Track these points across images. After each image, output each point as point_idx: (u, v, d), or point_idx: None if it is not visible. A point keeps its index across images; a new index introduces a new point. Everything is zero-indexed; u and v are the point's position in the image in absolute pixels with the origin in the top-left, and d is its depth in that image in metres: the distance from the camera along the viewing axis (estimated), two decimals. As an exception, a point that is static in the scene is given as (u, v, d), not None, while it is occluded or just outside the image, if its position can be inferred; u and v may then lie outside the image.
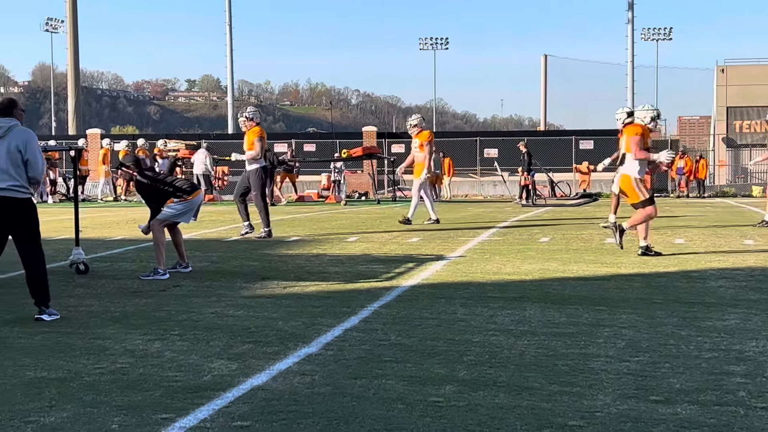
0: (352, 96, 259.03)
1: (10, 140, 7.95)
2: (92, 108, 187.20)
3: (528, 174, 31.22)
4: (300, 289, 9.72)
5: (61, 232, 15.89)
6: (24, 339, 7.21)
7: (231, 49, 61.83)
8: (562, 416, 4.90)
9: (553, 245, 13.93)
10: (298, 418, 4.91)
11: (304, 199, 33.79)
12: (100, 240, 15.43)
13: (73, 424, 4.86)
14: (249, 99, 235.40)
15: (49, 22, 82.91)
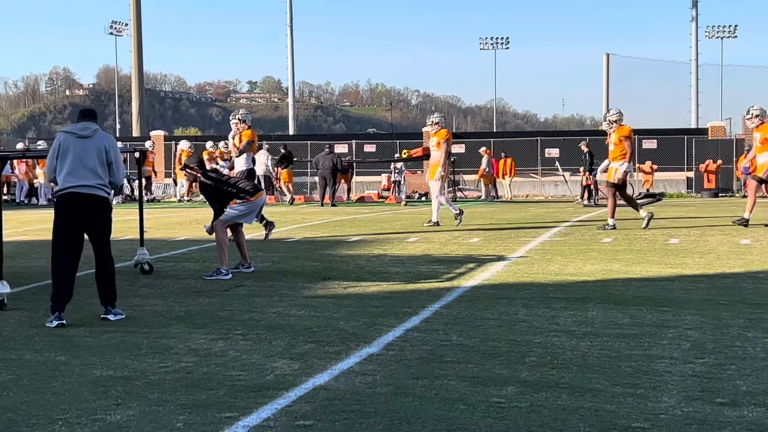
0: (412, 96, 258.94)
1: (98, 140, 8.22)
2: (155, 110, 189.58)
3: (590, 174, 30.95)
4: (361, 289, 9.75)
5: (125, 233, 16.12)
6: (90, 338, 7.33)
7: (292, 51, 62.21)
8: (626, 418, 4.86)
9: (616, 246, 13.79)
10: (360, 418, 4.93)
11: (365, 200, 33.87)
12: (164, 240, 15.62)
13: (138, 422, 4.93)
14: (309, 100, 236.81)
15: (113, 26, 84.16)
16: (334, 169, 29.89)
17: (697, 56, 63.26)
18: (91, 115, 8.59)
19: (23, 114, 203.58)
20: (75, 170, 8.09)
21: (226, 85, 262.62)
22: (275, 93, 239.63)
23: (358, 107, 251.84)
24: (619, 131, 16.91)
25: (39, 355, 6.70)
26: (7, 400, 5.44)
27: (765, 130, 16.85)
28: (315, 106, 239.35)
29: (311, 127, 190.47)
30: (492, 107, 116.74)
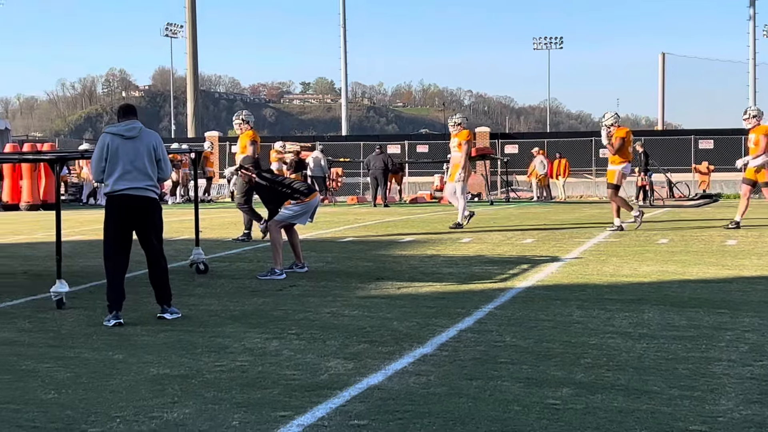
0: (465, 96, 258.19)
1: (146, 140, 8.26)
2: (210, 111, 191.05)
3: (645, 174, 30.63)
4: (414, 289, 9.75)
5: (181, 233, 16.28)
6: (147, 336, 7.42)
7: (345, 51, 62.34)
8: (683, 420, 4.81)
9: (672, 247, 13.64)
10: (414, 418, 4.93)
11: (417, 201, 33.85)
12: (218, 240, 15.75)
13: (195, 420, 4.98)
14: (362, 101, 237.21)
15: (168, 28, 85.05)
16: (385, 170, 29.91)
17: (754, 55, 62.30)
18: (133, 111, 8.51)
19: (80, 115, 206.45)
20: (127, 173, 8.13)
21: (279, 86, 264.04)
22: (328, 94, 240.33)
23: (411, 108, 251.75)
24: (617, 133, 16.89)
25: (97, 354, 6.79)
26: (67, 397, 5.53)
27: (759, 131, 16.60)
28: (367, 106, 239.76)
29: (364, 127, 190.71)
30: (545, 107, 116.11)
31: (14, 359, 6.62)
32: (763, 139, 16.37)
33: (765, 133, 16.46)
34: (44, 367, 6.34)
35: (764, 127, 16.69)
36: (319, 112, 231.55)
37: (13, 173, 29.34)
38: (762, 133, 16.46)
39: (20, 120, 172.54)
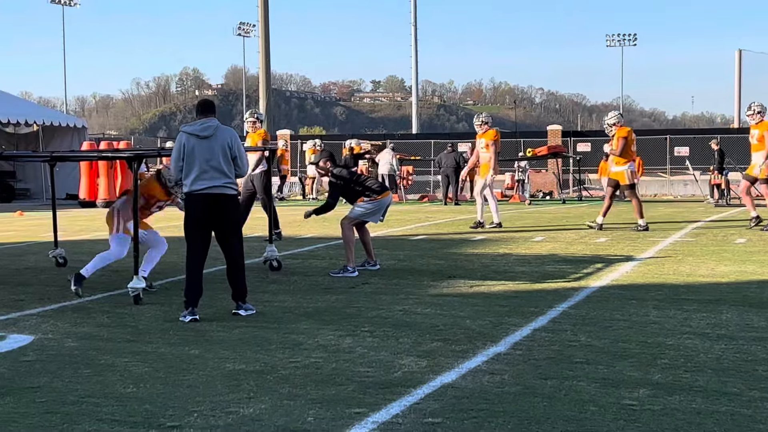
0: (536, 94, 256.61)
1: (221, 138, 8.30)
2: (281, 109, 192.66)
3: (720, 173, 30.11)
4: (487, 288, 9.71)
5: (254, 230, 16.42)
6: (223, 332, 7.50)
7: (416, 50, 62.36)
8: (764, 423, 4.72)
9: (750, 247, 13.39)
10: (488, 417, 4.91)
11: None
12: (291, 238, 15.86)
13: (270, 416, 5.02)
14: (432, 99, 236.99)
15: (241, 27, 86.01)
16: (456, 168, 29.83)
17: (835, 51, 60.76)
18: (210, 108, 8.54)
19: (154, 113, 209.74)
20: (203, 173, 8.22)
21: (350, 84, 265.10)
22: (398, 92, 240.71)
23: (481, 106, 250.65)
24: (618, 132, 16.76)
25: (174, 349, 6.89)
26: (145, 391, 5.61)
27: (763, 127, 16.22)
28: (438, 104, 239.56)
29: (434, 126, 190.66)
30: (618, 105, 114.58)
31: (93, 353, 6.74)
32: (767, 135, 16.06)
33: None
34: (123, 362, 6.45)
35: (766, 123, 16.33)
36: (389, 111, 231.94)
37: (90, 171, 29.89)
38: (766, 129, 16.14)
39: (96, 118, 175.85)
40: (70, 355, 6.72)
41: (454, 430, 4.73)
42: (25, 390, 5.69)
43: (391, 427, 4.79)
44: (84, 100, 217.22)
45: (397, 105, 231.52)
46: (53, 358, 6.62)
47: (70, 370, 6.20)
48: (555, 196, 34.88)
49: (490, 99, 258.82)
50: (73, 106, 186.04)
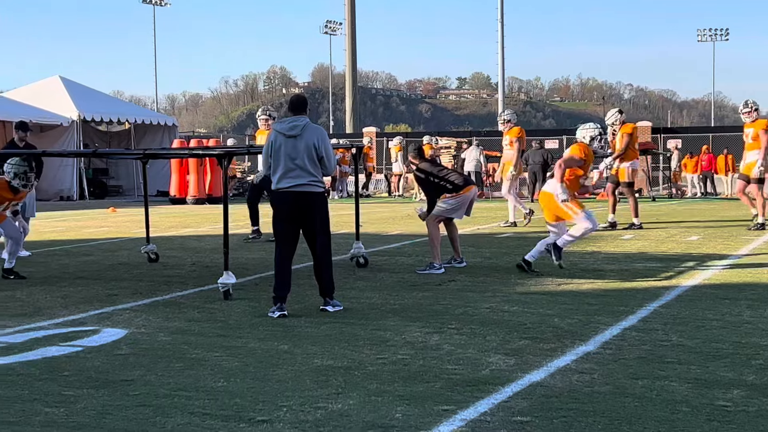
0: (625, 90, 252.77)
1: (306, 138, 8.33)
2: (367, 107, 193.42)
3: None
4: (575, 286, 9.62)
5: (341, 227, 16.51)
6: (311, 328, 7.56)
7: (502, 46, 62.01)
8: None
9: None
10: (578, 417, 4.86)
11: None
12: (378, 235, 15.92)
13: (359, 412, 5.04)
14: (519, 95, 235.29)
15: (328, 25, 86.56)
16: (544, 165, 29.58)
17: None
18: (302, 105, 8.54)
19: (242, 111, 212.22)
20: (288, 171, 8.28)
21: (435, 81, 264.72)
22: (484, 89, 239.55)
23: (568, 102, 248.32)
24: (623, 130, 16.54)
25: (263, 344, 6.97)
26: (235, 386, 5.69)
27: (759, 125, 15.68)
28: (524, 101, 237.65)
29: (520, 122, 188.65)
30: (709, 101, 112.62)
31: (185, 348, 6.86)
32: (763, 134, 15.56)
33: (765, 127, 15.64)
34: (213, 356, 6.55)
35: (763, 121, 15.84)
36: (474, 108, 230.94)
37: (180, 168, 30.39)
38: (762, 128, 15.63)
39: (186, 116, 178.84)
40: (163, 349, 6.85)
41: (543, 429, 4.70)
42: (119, 383, 5.81)
43: (479, 425, 4.78)
44: (174, 98, 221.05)
45: (482, 102, 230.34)
46: (146, 351, 6.76)
47: (163, 364, 6.32)
48: (644, 194, 34.33)
49: (578, 95, 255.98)
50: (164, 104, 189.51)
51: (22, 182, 10.78)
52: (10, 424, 4.96)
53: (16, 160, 10.88)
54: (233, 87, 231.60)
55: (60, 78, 37.85)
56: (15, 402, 5.39)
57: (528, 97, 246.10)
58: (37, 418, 5.06)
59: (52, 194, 32.97)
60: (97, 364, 6.39)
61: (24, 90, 38.77)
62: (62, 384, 5.81)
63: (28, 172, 10.82)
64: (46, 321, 8.12)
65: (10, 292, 9.83)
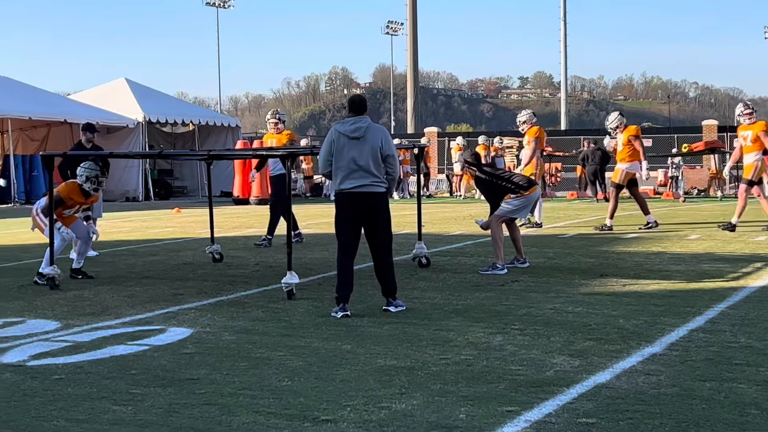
0: (690, 89, 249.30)
1: (370, 139, 8.34)
2: (428, 107, 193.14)
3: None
4: (640, 287, 9.51)
5: (403, 227, 16.54)
6: (373, 328, 7.58)
7: (565, 45, 61.58)
8: None
9: None
10: (644, 419, 4.81)
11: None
12: (439, 235, 15.90)
13: (422, 412, 5.04)
14: (581, 94, 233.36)
15: (389, 25, 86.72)
16: (602, 162, 29.39)
17: None
18: (362, 106, 8.54)
19: (304, 112, 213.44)
20: (351, 172, 8.30)
21: (497, 81, 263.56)
22: (546, 88, 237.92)
23: (632, 101, 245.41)
24: (627, 132, 16.43)
25: (326, 343, 7.00)
26: (299, 385, 5.73)
27: (757, 127, 15.31)
28: (587, 100, 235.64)
29: (583, 122, 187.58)
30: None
31: (249, 347, 6.91)
32: (763, 136, 15.22)
33: (764, 129, 15.30)
34: (277, 355, 6.59)
35: (761, 123, 15.51)
36: (536, 107, 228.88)
37: (243, 169, 30.63)
38: (761, 130, 15.30)
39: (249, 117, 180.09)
40: (227, 348, 6.91)
41: (609, 430, 4.65)
42: (185, 381, 5.88)
43: (544, 426, 4.75)
44: (237, 99, 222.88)
45: (545, 101, 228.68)
46: (211, 350, 6.83)
47: (228, 363, 6.38)
48: (711, 194, 33.84)
49: (642, 94, 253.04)
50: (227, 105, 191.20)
51: (93, 186, 10.96)
52: (79, 421, 5.04)
53: (88, 164, 11.07)
54: (295, 88, 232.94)
55: (126, 80, 38.44)
56: (84, 400, 5.48)
57: (591, 96, 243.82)
58: (106, 416, 5.14)
59: (118, 195, 33.47)
60: (163, 362, 6.47)
61: (91, 92, 39.45)
62: (130, 382, 5.90)
63: (100, 176, 11.02)
64: (113, 320, 8.24)
65: (78, 292, 10.01)
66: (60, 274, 10.35)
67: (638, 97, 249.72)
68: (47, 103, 34.76)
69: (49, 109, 33.87)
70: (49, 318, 8.42)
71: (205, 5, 78.20)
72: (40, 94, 36.29)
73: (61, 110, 34.10)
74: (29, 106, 33.08)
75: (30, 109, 32.89)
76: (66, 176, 13.47)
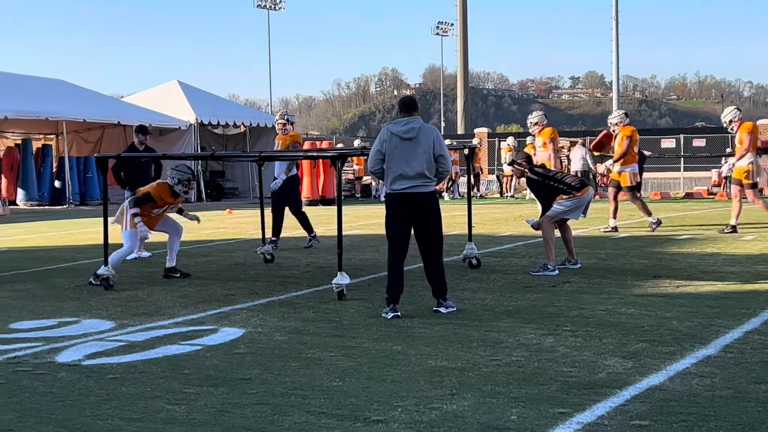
0: (744, 88, 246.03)
1: (423, 141, 8.34)
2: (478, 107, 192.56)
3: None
4: (694, 288, 9.40)
5: (453, 228, 16.51)
6: (424, 329, 7.57)
7: (617, 44, 60.98)
8: None
9: None
10: (699, 421, 4.76)
11: (693, 196, 32.62)
12: (489, 236, 15.85)
13: (474, 413, 5.03)
14: (633, 94, 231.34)
15: (439, 26, 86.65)
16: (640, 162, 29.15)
17: None
18: (413, 106, 8.54)
19: (354, 113, 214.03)
20: (403, 173, 8.29)
21: (548, 81, 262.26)
22: (598, 88, 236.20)
23: (685, 100, 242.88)
24: (623, 132, 16.24)
25: (377, 344, 7.01)
26: (350, 385, 5.74)
27: (743, 129, 15.07)
28: (639, 100, 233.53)
29: (635, 121, 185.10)
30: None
31: (300, 347, 6.95)
32: (746, 137, 15.03)
33: (748, 131, 15.10)
34: (328, 356, 6.62)
35: (747, 124, 15.29)
36: (588, 107, 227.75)
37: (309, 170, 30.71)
38: (746, 131, 15.08)
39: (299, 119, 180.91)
40: (279, 348, 6.95)
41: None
42: (237, 381, 5.93)
43: (596, 428, 4.71)
44: (287, 101, 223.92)
45: (596, 101, 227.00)
46: (263, 351, 6.87)
47: (279, 363, 6.42)
48: (766, 193, 33.37)
49: (695, 93, 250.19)
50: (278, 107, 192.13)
51: (183, 189, 11.25)
52: (134, 420, 5.10)
53: (182, 167, 11.33)
54: (345, 89, 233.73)
55: (178, 82, 38.81)
56: (138, 399, 5.55)
57: (643, 96, 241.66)
58: (159, 415, 5.20)
59: (170, 196, 33.74)
60: (216, 362, 6.52)
61: (143, 94, 39.91)
62: (183, 382, 5.95)
63: (192, 179, 11.34)
64: (166, 320, 8.33)
65: (132, 292, 10.12)
66: (114, 274, 10.48)
67: (691, 97, 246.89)
68: (101, 106, 35.25)
69: (103, 112, 34.33)
70: (103, 318, 8.53)
71: (257, 7, 78.66)
72: (94, 97, 36.82)
73: (115, 112, 34.54)
74: (83, 108, 33.56)
75: (84, 112, 33.37)
76: (120, 178, 13.66)
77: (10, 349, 7.16)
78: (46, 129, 35.74)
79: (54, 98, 33.12)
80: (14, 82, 33.87)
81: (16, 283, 11.08)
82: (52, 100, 32.76)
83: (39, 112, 32.02)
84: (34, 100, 31.95)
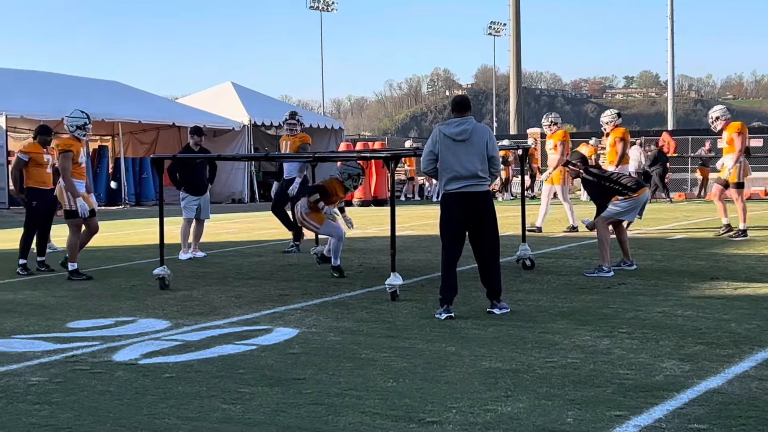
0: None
1: (476, 141, 8.33)
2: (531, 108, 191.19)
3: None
4: (753, 290, 9.26)
5: (506, 229, 16.41)
6: (477, 330, 7.55)
7: (672, 43, 60.35)
8: None
9: None
10: (758, 425, 4.69)
11: (751, 197, 32.14)
12: (544, 237, 15.75)
13: (529, 415, 5.00)
14: (689, 94, 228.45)
15: (492, 26, 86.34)
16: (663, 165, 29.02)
17: None
18: (466, 105, 8.53)
19: (406, 114, 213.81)
20: (458, 174, 8.28)
21: (601, 81, 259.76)
22: (652, 87, 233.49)
23: (742, 100, 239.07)
24: (614, 134, 16.04)
25: (430, 345, 7.00)
26: (404, 386, 5.74)
27: (732, 129, 14.76)
28: (694, 99, 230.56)
29: (690, 121, 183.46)
30: None
31: (354, 348, 6.96)
32: (736, 137, 14.69)
33: (737, 131, 14.78)
34: (382, 356, 6.62)
35: (735, 124, 14.98)
36: (642, 107, 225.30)
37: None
38: (735, 131, 14.77)
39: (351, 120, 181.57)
40: (333, 348, 6.97)
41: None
42: (292, 381, 5.95)
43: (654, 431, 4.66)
44: (339, 102, 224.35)
45: (650, 101, 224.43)
46: (317, 351, 6.89)
47: (334, 363, 6.43)
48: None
49: (752, 93, 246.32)
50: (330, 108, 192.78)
51: (354, 184, 11.63)
52: (190, 419, 5.14)
53: (353, 163, 11.77)
54: (397, 90, 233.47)
55: (232, 84, 39.12)
56: (194, 398, 5.59)
57: (699, 96, 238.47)
58: (215, 414, 5.24)
59: (224, 197, 34.11)
60: (270, 362, 6.55)
61: (198, 96, 40.30)
62: (238, 381, 5.99)
63: (361, 175, 11.68)
64: (221, 320, 8.39)
65: (187, 292, 10.21)
66: (170, 274, 10.57)
67: (748, 96, 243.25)
68: (156, 107, 35.64)
69: (158, 113, 34.71)
70: (159, 317, 8.62)
71: (309, 9, 78.98)
72: (149, 98, 37.25)
73: (170, 114, 34.92)
74: (139, 110, 33.95)
75: (139, 113, 33.77)
76: (175, 179, 13.79)
77: (68, 348, 7.26)
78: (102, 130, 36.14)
79: (110, 100, 33.54)
80: (71, 84, 34.36)
81: (74, 283, 11.23)
82: (108, 101, 33.17)
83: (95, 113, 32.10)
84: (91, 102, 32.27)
